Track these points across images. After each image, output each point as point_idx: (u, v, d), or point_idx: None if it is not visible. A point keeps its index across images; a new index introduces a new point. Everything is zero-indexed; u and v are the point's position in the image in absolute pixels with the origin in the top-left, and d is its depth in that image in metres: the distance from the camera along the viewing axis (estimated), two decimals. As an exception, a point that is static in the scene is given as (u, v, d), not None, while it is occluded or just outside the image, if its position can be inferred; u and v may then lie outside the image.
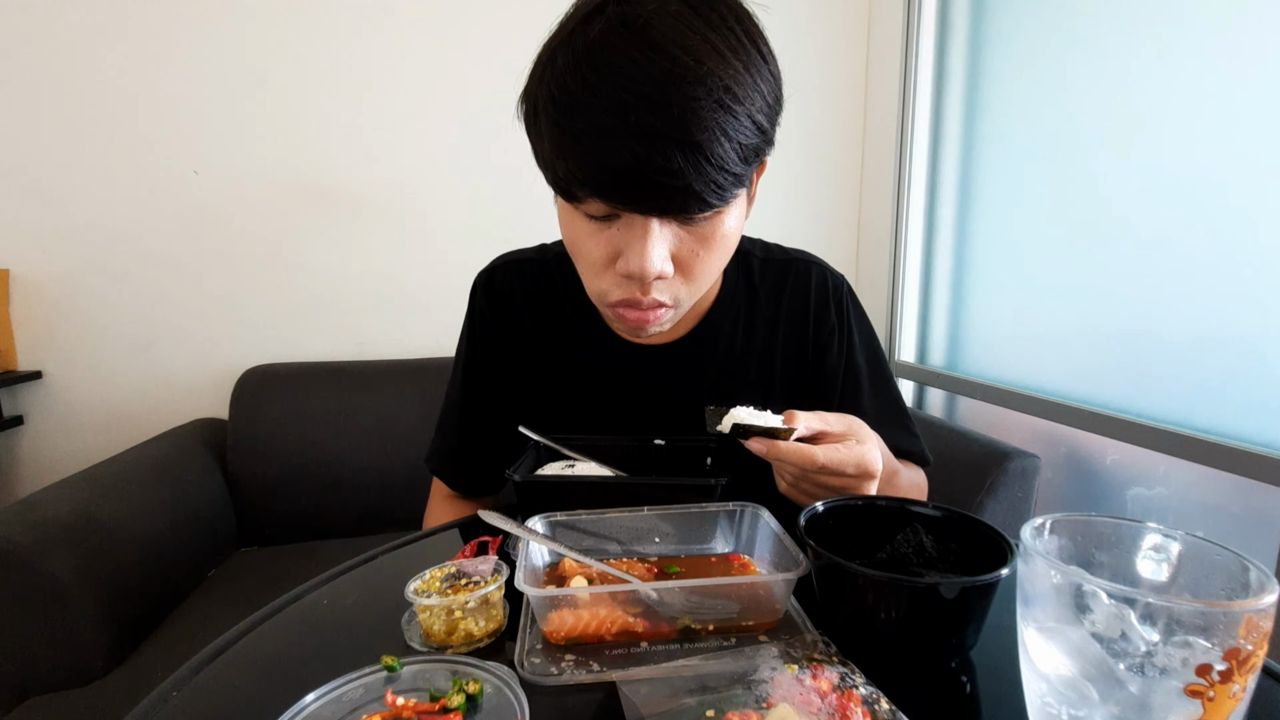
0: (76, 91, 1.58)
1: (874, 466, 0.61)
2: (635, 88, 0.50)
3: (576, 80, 0.52)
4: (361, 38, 1.70)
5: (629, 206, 0.56)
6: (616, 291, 0.62)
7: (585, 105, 0.52)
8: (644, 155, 0.51)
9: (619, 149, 0.51)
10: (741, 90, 0.53)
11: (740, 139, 0.53)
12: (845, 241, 2.08)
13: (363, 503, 1.61)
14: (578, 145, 0.53)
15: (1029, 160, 1.56)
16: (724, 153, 0.52)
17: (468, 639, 0.49)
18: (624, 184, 0.53)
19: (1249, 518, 1.13)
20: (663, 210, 0.56)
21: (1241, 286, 1.11)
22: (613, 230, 0.59)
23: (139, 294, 1.68)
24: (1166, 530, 0.39)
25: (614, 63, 0.51)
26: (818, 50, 1.95)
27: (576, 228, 0.62)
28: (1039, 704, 0.37)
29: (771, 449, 0.60)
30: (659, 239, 0.57)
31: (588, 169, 0.53)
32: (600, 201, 0.56)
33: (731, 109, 0.52)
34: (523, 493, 0.65)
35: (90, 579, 1.09)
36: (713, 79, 0.51)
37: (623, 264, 0.59)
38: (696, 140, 0.51)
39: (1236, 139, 1.12)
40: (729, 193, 0.56)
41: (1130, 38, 1.30)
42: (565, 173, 0.55)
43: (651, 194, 0.54)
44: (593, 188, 0.54)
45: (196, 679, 0.47)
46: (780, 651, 0.46)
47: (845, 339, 0.84)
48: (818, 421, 0.62)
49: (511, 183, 1.82)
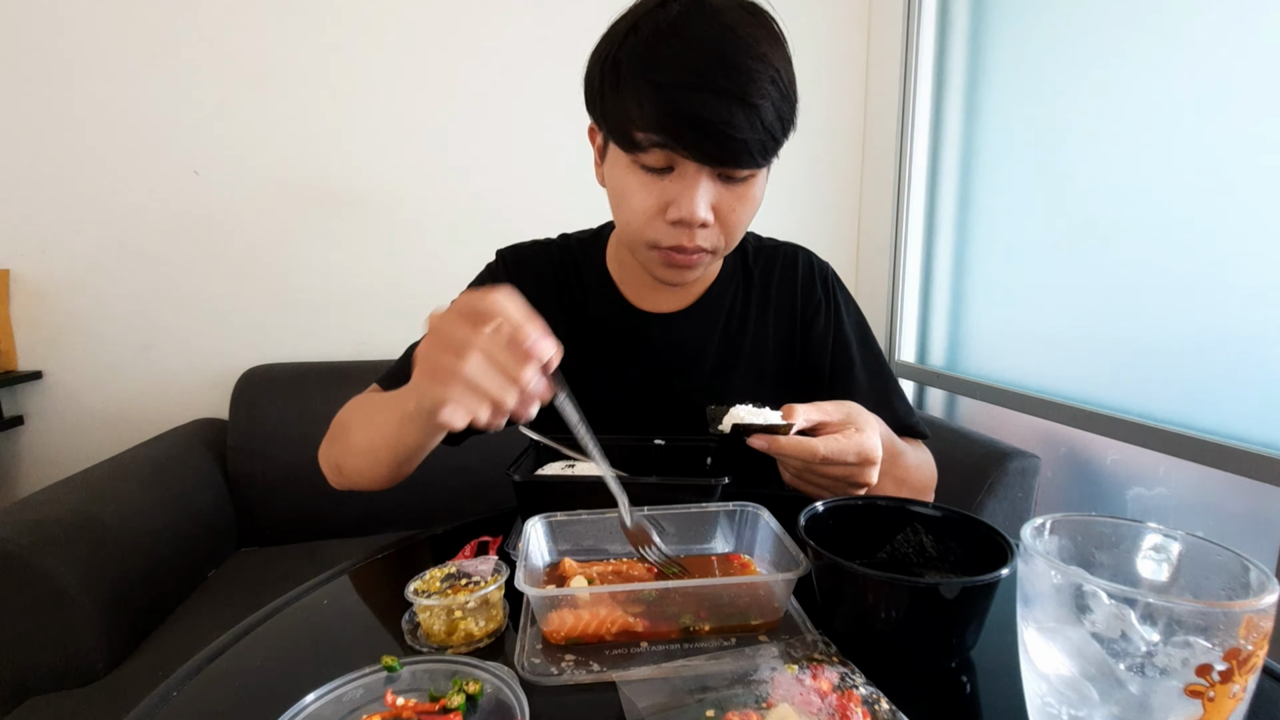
0: (77, 92, 1.58)
1: (874, 453, 0.63)
2: (712, 54, 0.61)
3: (661, 44, 0.62)
4: (362, 38, 1.70)
5: (691, 152, 0.63)
6: (667, 238, 0.69)
7: (669, 62, 0.61)
8: (713, 107, 0.60)
9: (694, 100, 0.61)
10: (784, 74, 0.64)
11: (781, 113, 0.64)
12: (845, 241, 2.08)
13: (363, 503, 1.60)
14: (659, 94, 0.61)
15: (1029, 160, 1.56)
16: (771, 120, 0.63)
17: (467, 639, 0.49)
18: (697, 130, 0.62)
19: (1249, 518, 1.13)
20: (719, 159, 0.64)
21: (1242, 287, 1.11)
22: (665, 182, 0.67)
23: (139, 294, 1.68)
24: (1166, 530, 0.39)
25: (694, 33, 0.61)
26: (818, 50, 1.94)
27: (630, 180, 0.69)
28: (1039, 704, 0.37)
29: (773, 444, 0.62)
30: (707, 190, 0.66)
31: (665, 115, 0.62)
32: (665, 149, 0.64)
33: (779, 85, 0.63)
34: (523, 493, 0.65)
35: (90, 579, 1.08)
36: (767, 59, 0.62)
37: (674, 210, 0.66)
38: (754, 103, 0.61)
39: (1237, 139, 1.11)
40: (769, 155, 0.66)
41: (1131, 38, 1.29)
42: (641, 119, 0.63)
43: (714, 142, 0.62)
44: (666, 133, 0.62)
45: (196, 679, 0.47)
46: (780, 651, 0.46)
47: (832, 314, 0.88)
48: (816, 413, 0.64)
49: (511, 183, 1.82)
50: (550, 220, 0.93)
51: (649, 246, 0.71)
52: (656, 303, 0.86)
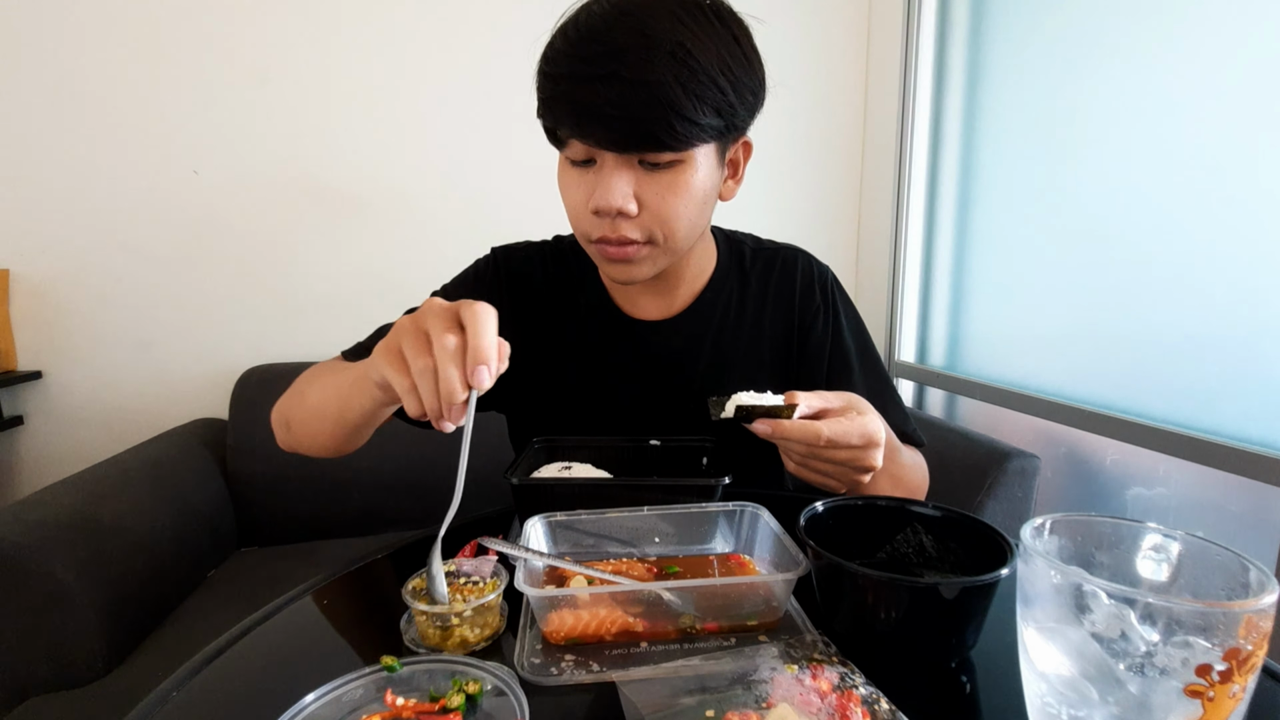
0: (76, 92, 1.58)
1: (878, 435, 0.63)
2: (605, 42, 0.61)
3: (564, 42, 0.64)
4: (363, 38, 1.70)
5: (595, 140, 0.64)
6: (595, 229, 0.70)
7: (566, 57, 0.63)
8: (604, 93, 0.61)
9: (587, 89, 0.62)
10: (697, 49, 0.62)
11: (695, 90, 0.62)
12: (845, 241, 2.08)
13: (363, 503, 1.61)
14: (557, 88, 0.64)
15: (1029, 160, 1.56)
16: (677, 98, 0.61)
17: (462, 645, 0.49)
18: (590, 118, 0.63)
19: (1249, 518, 1.12)
20: (624, 144, 0.64)
21: (1242, 287, 1.11)
22: (589, 174, 0.68)
23: (139, 294, 1.68)
24: (1166, 530, 0.39)
25: (592, 26, 0.63)
26: (818, 50, 1.94)
27: (565, 178, 0.71)
28: (1039, 704, 0.37)
29: (776, 428, 0.61)
30: (621, 177, 0.66)
31: (564, 107, 0.64)
32: (576, 140, 0.65)
33: (685, 63, 0.61)
34: (520, 496, 0.65)
35: (90, 579, 1.08)
36: (668, 36, 0.61)
37: (593, 200, 0.67)
38: (647, 81, 0.60)
39: (1237, 139, 1.11)
40: (684, 138, 0.64)
41: (1131, 38, 1.29)
42: (550, 116, 0.66)
43: (612, 127, 0.63)
44: (568, 124, 0.65)
45: (196, 679, 0.47)
46: (780, 651, 0.46)
47: (831, 320, 0.87)
48: (818, 399, 0.64)
49: (511, 183, 1.81)
50: (550, 221, 0.93)
51: (588, 241, 0.73)
52: (645, 309, 0.85)
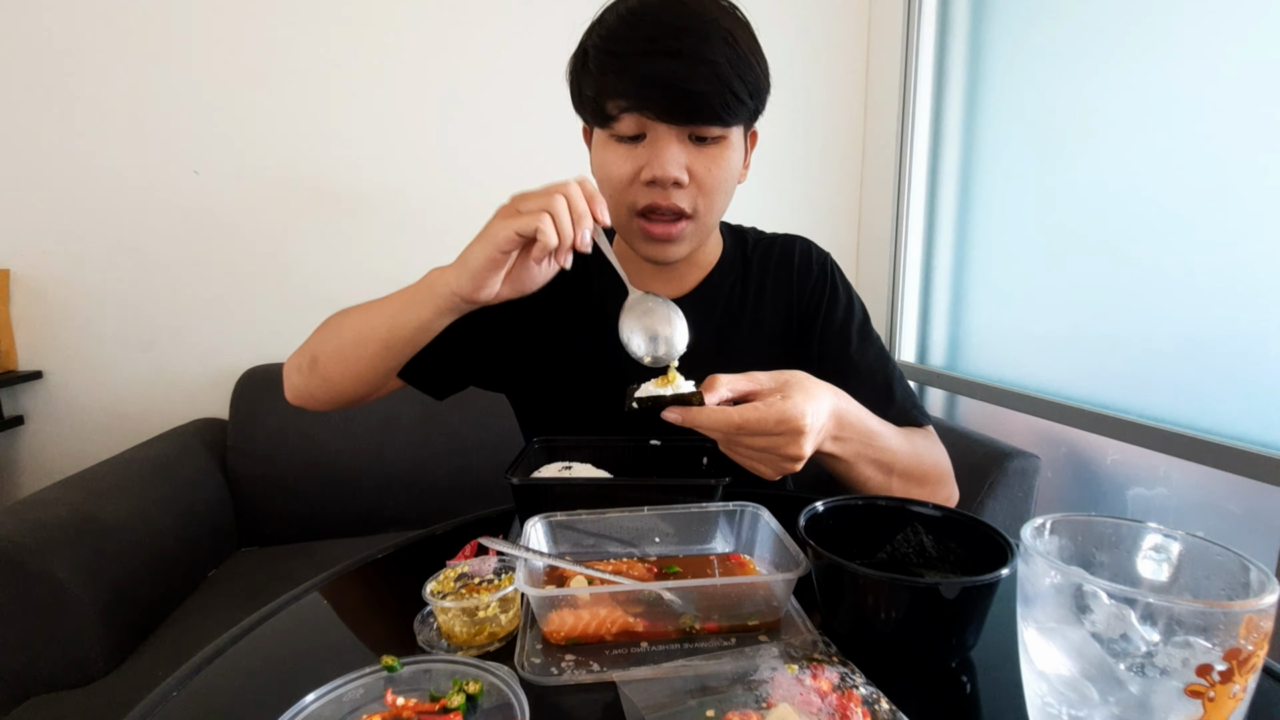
0: (77, 91, 1.58)
1: (799, 421, 0.60)
2: (666, 24, 0.68)
3: (620, 24, 0.69)
4: (362, 39, 1.70)
5: (656, 111, 0.69)
6: (645, 198, 0.73)
7: (628, 37, 0.68)
8: (669, 67, 0.67)
9: (653, 65, 0.67)
10: (742, 39, 0.70)
11: (740, 72, 0.69)
12: (845, 242, 2.08)
13: (363, 503, 1.61)
14: (621, 64, 0.68)
15: (1029, 160, 1.56)
16: (728, 76, 0.68)
17: (492, 638, 0.49)
18: (656, 93, 0.68)
19: (1249, 518, 1.12)
20: (684, 116, 0.69)
21: (1242, 287, 1.11)
22: (639, 149, 0.72)
23: (139, 294, 1.68)
24: (1167, 530, 0.39)
25: (651, 11, 0.69)
26: (818, 50, 1.94)
27: (609, 153, 0.74)
28: (1039, 704, 0.37)
29: (686, 416, 0.61)
30: (678, 150, 0.71)
31: (627, 80, 0.68)
32: (634, 113, 0.70)
33: (735, 48, 0.69)
34: (520, 496, 0.65)
35: (90, 579, 1.08)
36: (718, 23, 0.69)
37: (648, 171, 0.71)
38: (709, 59, 0.67)
39: (1238, 139, 1.11)
40: (735, 114, 0.71)
41: (1131, 38, 1.29)
42: (609, 90, 0.70)
43: (675, 98, 0.68)
44: (630, 96, 0.69)
45: (196, 679, 0.47)
46: (780, 651, 0.46)
47: (831, 301, 0.89)
48: (745, 382, 0.63)
49: (512, 183, 1.81)
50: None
51: (631, 213, 0.75)
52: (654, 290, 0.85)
